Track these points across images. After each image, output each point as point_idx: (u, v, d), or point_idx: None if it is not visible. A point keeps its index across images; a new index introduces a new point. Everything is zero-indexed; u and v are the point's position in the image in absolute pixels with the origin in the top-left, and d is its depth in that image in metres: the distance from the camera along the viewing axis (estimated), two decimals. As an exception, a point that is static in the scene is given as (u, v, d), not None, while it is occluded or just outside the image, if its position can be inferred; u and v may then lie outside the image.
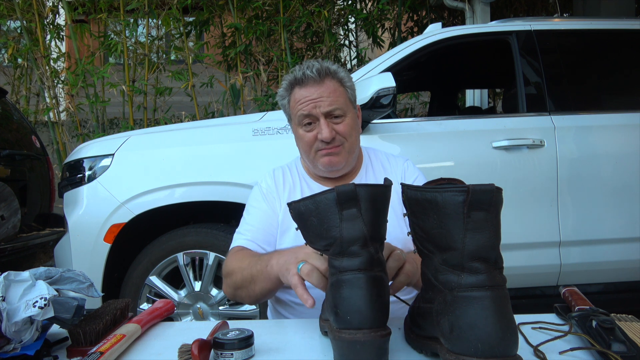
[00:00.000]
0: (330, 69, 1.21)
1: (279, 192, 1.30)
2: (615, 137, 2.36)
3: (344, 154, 1.23)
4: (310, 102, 1.19)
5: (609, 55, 2.60)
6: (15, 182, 2.95)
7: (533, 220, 2.27)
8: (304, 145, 1.25)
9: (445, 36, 2.47)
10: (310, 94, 1.19)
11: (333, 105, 1.19)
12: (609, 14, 5.12)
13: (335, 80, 1.21)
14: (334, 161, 1.22)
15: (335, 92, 1.20)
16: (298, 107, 1.21)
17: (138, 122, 4.82)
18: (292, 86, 1.23)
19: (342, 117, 1.21)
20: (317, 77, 1.19)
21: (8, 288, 0.79)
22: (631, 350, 0.75)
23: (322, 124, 1.19)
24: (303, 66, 1.22)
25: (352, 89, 1.27)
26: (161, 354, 0.84)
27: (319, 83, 1.19)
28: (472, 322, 0.64)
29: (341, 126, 1.21)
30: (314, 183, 1.30)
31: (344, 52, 5.71)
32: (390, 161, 1.36)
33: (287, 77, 1.25)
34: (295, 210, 0.84)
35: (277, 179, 1.32)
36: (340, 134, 1.21)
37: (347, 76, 1.25)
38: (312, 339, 0.89)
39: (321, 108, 1.19)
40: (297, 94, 1.21)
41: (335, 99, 1.20)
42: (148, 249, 2.25)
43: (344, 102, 1.22)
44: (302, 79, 1.20)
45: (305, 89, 1.20)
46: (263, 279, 1.04)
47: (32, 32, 4.74)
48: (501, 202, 0.68)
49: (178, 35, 4.97)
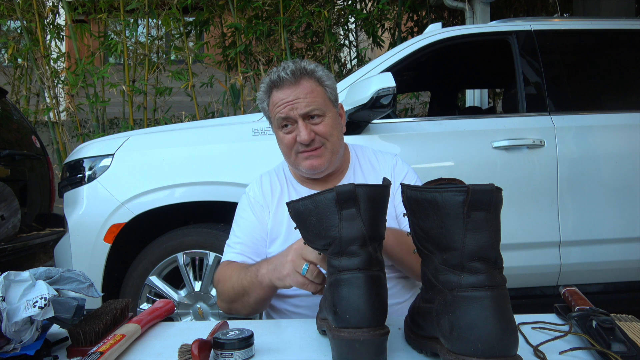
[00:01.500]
0: (306, 68, 1.19)
1: (266, 200, 1.28)
2: (615, 137, 2.36)
3: (327, 154, 1.20)
4: (286, 105, 1.17)
5: (609, 55, 2.60)
6: (15, 182, 2.95)
7: (533, 220, 2.27)
8: (284, 148, 1.23)
9: (445, 36, 2.47)
10: (286, 96, 1.17)
11: (310, 107, 1.17)
12: (609, 14, 5.13)
13: (312, 79, 1.19)
14: (315, 164, 1.20)
15: (313, 92, 1.18)
16: (275, 110, 1.19)
17: (138, 122, 4.82)
18: (270, 89, 1.21)
19: (321, 117, 1.19)
20: (291, 78, 1.17)
21: (8, 288, 0.79)
22: (631, 350, 0.75)
23: (300, 126, 1.17)
24: (279, 68, 1.19)
25: (332, 87, 1.24)
26: (161, 354, 0.85)
27: (295, 84, 1.17)
28: (472, 322, 0.64)
29: (320, 127, 1.19)
30: (301, 187, 1.28)
31: (344, 52, 5.71)
32: (379, 158, 1.34)
33: (264, 80, 1.23)
34: (295, 210, 0.84)
35: (264, 186, 1.31)
36: (320, 135, 1.19)
37: (325, 75, 1.22)
38: (312, 339, 0.89)
39: (298, 110, 1.16)
40: (275, 96, 1.19)
41: (313, 100, 1.17)
42: (148, 249, 2.25)
43: (322, 102, 1.19)
44: (277, 81, 1.18)
45: (282, 91, 1.18)
46: (255, 288, 1.06)
47: (32, 32, 4.74)
48: (501, 202, 0.68)
49: (178, 35, 4.97)
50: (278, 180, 1.32)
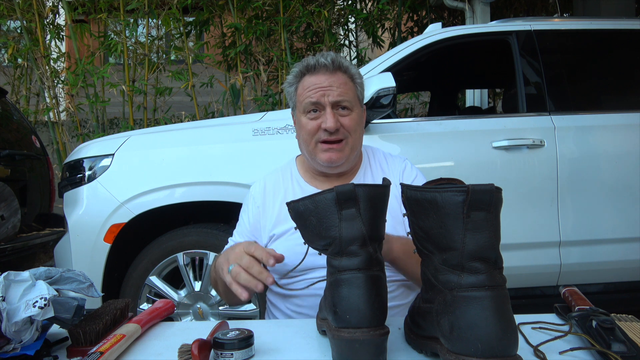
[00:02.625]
0: (343, 63, 1.21)
1: (266, 201, 1.28)
2: (615, 137, 2.36)
3: (347, 150, 1.21)
4: (319, 90, 1.18)
5: (609, 55, 2.60)
6: (15, 182, 2.95)
7: (533, 220, 2.27)
8: (305, 135, 1.22)
9: (445, 36, 2.47)
10: (320, 81, 1.18)
11: (342, 96, 1.18)
12: (609, 14, 5.13)
13: (346, 74, 1.21)
14: (333, 157, 1.20)
15: (346, 84, 1.20)
16: (306, 94, 1.19)
17: (138, 122, 4.82)
18: (303, 74, 1.22)
19: (349, 110, 1.20)
20: (330, 65, 1.18)
21: (8, 288, 0.79)
22: (631, 350, 0.75)
23: (328, 113, 1.17)
24: (317, 55, 1.21)
25: (362, 87, 1.26)
26: (161, 354, 0.84)
27: (332, 72, 1.18)
28: (472, 322, 0.64)
29: (347, 119, 1.19)
30: (308, 185, 1.28)
31: (344, 52, 5.71)
32: (389, 161, 1.34)
33: (298, 65, 1.24)
34: (295, 210, 0.85)
35: (267, 186, 1.31)
36: (345, 128, 1.19)
37: (358, 73, 1.24)
38: (312, 339, 0.89)
39: (330, 97, 1.17)
40: (307, 81, 1.20)
41: (345, 91, 1.19)
42: (148, 249, 2.25)
43: (352, 97, 1.21)
44: (314, 66, 1.19)
45: (316, 76, 1.19)
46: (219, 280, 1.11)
47: (32, 32, 4.74)
48: (501, 202, 0.68)
49: (178, 35, 4.97)
50: (283, 180, 1.31)
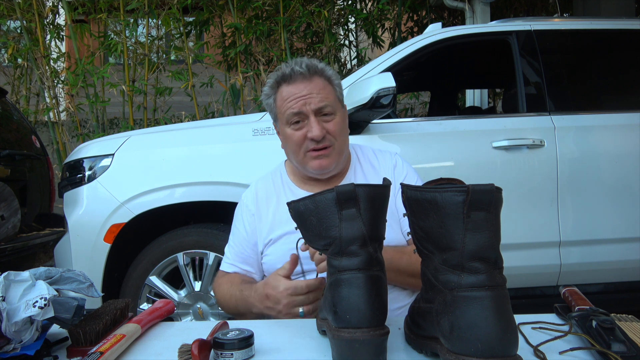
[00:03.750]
0: (317, 66, 1.18)
1: (259, 207, 1.27)
2: (615, 137, 2.36)
3: (334, 155, 1.20)
4: (299, 99, 1.15)
5: (609, 55, 2.60)
6: (15, 182, 2.95)
7: (533, 220, 2.27)
8: (293, 146, 1.20)
9: (445, 36, 2.47)
10: (299, 90, 1.15)
11: (324, 102, 1.16)
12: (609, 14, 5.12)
13: (323, 77, 1.19)
14: (324, 164, 1.19)
15: (325, 88, 1.17)
16: (287, 105, 1.17)
17: (138, 122, 4.82)
18: (279, 84, 1.19)
19: (332, 115, 1.18)
20: (306, 72, 1.15)
21: (8, 288, 0.79)
22: (631, 350, 0.75)
23: (312, 121, 1.15)
24: (290, 63, 1.18)
25: (340, 87, 1.24)
26: (161, 354, 0.84)
27: (308, 79, 1.16)
28: (472, 322, 0.64)
29: (331, 125, 1.18)
30: (299, 190, 1.27)
31: (344, 52, 5.71)
32: (379, 157, 1.33)
33: (272, 75, 1.21)
34: (295, 210, 0.85)
35: (259, 193, 1.30)
36: (330, 134, 1.18)
37: (334, 74, 1.22)
38: (312, 339, 0.89)
39: (311, 105, 1.15)
40: (285, 91, 1.18)
41: (326, 96, 1.17)
42: (148, 249, 2.24)
43: (333, 100, 1.19)
44: (290, 75, 1.16)
45: (294, 85, 1.16)
46: (248, 312, 1.14)
47: (32, 32, 4.74)
48: (501, 202, 0.68)
49: (178, 35, 4.97)
50: (274, 185, 1.30)
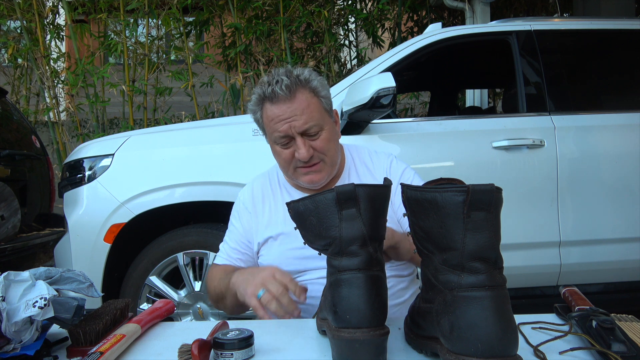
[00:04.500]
0: (300, 79, 1.14)
1: (256, 206, 1.28)
2: (615, 137, 2.36)
3: (326, 169, 1.19)
4: (284, 122, 1.13)
5: (609, 55, 2.60)
6: (15, 182, 2.95)
7: (533, 220, 2.27)
8: (282, 162, 1.20)
9: (445, 36, 2.47)
10: (282, 112, 1.13)
11: (308, 124, 1.13)
12: (609, 14, 5.12)
13: (307, 90, 1.14)
14: (315, 179, 1.18)
15: (309, 106, 1.13)
16: (272, 126, 1.15)
17: (138, 122, 4.82)
18: (262, 101, 1.17)
19: (319, 132, 1.16)
20: (287, 94, 1.12)
21: (8, 288, 0.79)
22: (631, 350, 0.75)
23: (299, 143, 1.14)
24: (272, 79, 1.14)
25: (327, 97, 1.20)
26: (161, 354, 0.84)
27: (290, 99, 1.12)
28: (472, 322, 0.64)
29: (318, 142, 1.15)
30: (295, 191, 1.27)
31: (344, 52, 5.71)
32: (373, 159, 1.31)
33: (256, 91, 1.18)
34: (295, 210, 0.85)
35: (255, 191, 1.30)
36: (318, 151, 1.16)
37: (320, 84, 1.17)
38: (312, 339, 0.89)
39: (296, 128, 1.13)
40: (269, 110, 1.15)
41: (310, 116, 1.13)
42: (148, 249, 2.25)
43: (319, 116, 1.15)
44: (271, 96, 1.13)
45: (277, 106, 1.13)
46: (229, 295, 1.14)
47: (32, 32, 4.74)
48: (501, 202, 0.68)
49: (178, 35, 4.97)
50: (270, 185, 1.31)
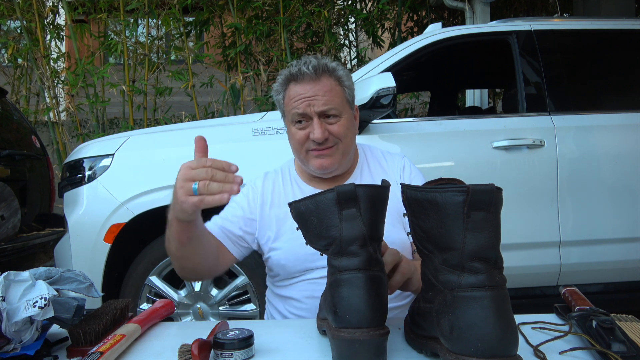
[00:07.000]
0: (328, 66, 1.17)
1: (265, 197, 1.27)
2: (615, 137, 2.36)
3: (337, 155, 1.19)
4: (304, 100, 1.15)
5: (609, 55, 2.60)
6: (15, 182, 2.95)
7: (533, 220, 2.27)
8: (295, 144, 1.21)
9: (445, 36, 2.47)
10: (305, 91, 1.15)
11: (328, 105, 1.15)
12: (609, 14, 5.12)
13: (332, 78, 1.18)
14: (325, 164, 1.19)
15: (332, 91, 1.16)
16: (292, 104, 1.17)
17: (138, 122, 4.82)
18: (288, 81, 1.19)
19: (337, 117, 1.18)
20: (313, 74, 1.15)
21: (8, 288, 0.79)
22: (631, 350, 0.75)
23: (315, 123, 1.16)
24: (300, 61, 1.18)
25: (351, 88, 1.23)
26: (161, 354, 0.85)
27: (315, 80, 1.15)
28: (472, 322, 0.64)
29: (335, 127, 1.17)
30: (307, 186, 1.27)
31: (344, 52, 5.71)
32: (387, 159, 1.33)
33: (283, 72, 1.21)
34: (296, 210, 0.85)
35: (266, 183, 1.30)
36: (334, 135, 1.17)
37: (345, 75, 1.21)
38: (312, 339, 0.89)
39: (315, 107, 1.15)
40: (292, 90, 1.18)
41: (331, 98, 1.16)
42: (148, 249, 2.24)
43: (339, 102, 1.18)
44: (297, 75, 1.16)
45: (301, 85, 1.16)
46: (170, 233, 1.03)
47: (32, 32, 4.74)
48: (501, 202, 0.68)
49: (178, 35, 4.97)
50: (282, 180, 1.31)
